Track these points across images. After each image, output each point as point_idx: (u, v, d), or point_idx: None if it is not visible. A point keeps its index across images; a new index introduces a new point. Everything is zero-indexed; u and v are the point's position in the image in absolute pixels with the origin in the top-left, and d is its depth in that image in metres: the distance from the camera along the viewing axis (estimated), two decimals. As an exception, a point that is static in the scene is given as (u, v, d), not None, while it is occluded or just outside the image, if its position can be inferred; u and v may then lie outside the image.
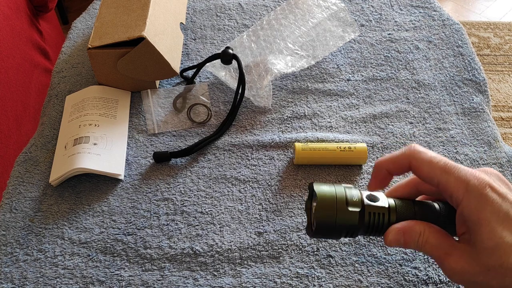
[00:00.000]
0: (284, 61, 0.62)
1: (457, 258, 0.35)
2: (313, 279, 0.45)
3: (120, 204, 0.51)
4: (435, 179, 0.36)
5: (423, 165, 0.37)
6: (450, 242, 0.36)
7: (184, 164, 0.55)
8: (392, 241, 0.38)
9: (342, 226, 0.40)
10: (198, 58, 0.68)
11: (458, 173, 0.35)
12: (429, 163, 0.36)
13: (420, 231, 0.37)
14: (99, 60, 0.59)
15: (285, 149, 0.57)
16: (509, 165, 0.55)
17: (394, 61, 0.67)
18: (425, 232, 0.37)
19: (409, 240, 0.38)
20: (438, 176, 0.36)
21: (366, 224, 0.40)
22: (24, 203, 0.52)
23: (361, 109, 0.61)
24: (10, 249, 0.48)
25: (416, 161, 0.37)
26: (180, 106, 0.62)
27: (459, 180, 0.35)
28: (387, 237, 0.39)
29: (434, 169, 0.36)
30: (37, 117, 1.03)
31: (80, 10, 0.80)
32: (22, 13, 1.05)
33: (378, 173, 0.40)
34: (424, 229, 0.37)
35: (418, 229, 0.38)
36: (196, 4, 0.77)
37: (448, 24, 0.73)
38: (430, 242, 0.37)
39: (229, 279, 0.45)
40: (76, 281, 0.45)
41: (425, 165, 0.36)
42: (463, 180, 0.34)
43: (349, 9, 0.75)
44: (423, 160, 0.37)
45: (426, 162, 0.36)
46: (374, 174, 0.41)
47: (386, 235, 0.39)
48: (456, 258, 0.35)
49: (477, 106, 0.61)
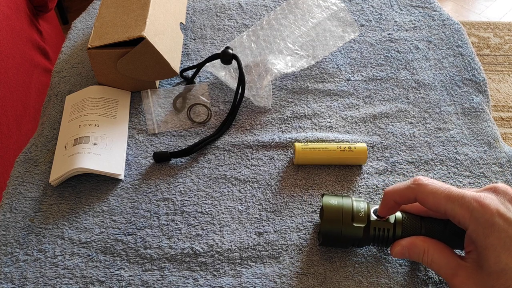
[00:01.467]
0: (284, 61, 0.61)
1: (464, 280, 0.36)
2: (313, 279, 0.45)
3: (120, 204, 0.51)
4: (441, 208, 0.37)
5: (428, 197, 0.38)
6: (456, 262, 0.38)
7: (184, 164, 0.55)
8: (397, 254, 0.41)
9: (347, 238, 0.43)
10: (198, 58, 0.68)
11: (462, 201, 0.36)
12: (433, 194, 0.38)
13: (424, 248, 0.39)
14: (99, 60, 0.59)
15: (285, 149, 0.57)
16: (509, 165, 0.55)
17: (394, 61, 0.67)
18: (429, 251, 0.39)
19: (413, 255, 0.40)
20: (443, 206, 0.37)
21: (371, 238, 0.42)
22: (24, 203, 0.52)
23: (361, 109, 0.61)
24: (10, 249, 0.48)
25: (422, 194, 0.39)
26: (180, 106, 0.62)
27: (463, 208, 0.36)
28: (393, 250, 0.41)
29: (438, 200, 0.37)
30: (37, 117, 1.03)
31: (80, 10, 0.80)
32: (22, 13, 1.05)
33: (387, 202, 0.42)
34: (428, 247, 0.39)
35: (422, 247, 0.39)
36: (196, 4, 0.77)
37: (448, 24, 0.73)
38: (436, 262, 0.38)
39: (229, 279, 0.45)
40: (76, 281, 0.45)
41: (430, 197, 0.38)
42: (467, 208, 0.36)
43: (349, 9, 0.75)
44: (427, 193, 0.38)
45: (430, 194, 0.38)
46: (383, 203, 0.42)
47: (392, 248, 0.41)
48: (463, 279, 0.36)
49: (477, 106, 0.61)
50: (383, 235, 0.42)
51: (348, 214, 0.42)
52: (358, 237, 0.42)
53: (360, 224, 0.42)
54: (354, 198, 0.44)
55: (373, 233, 0.42)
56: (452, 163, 0.55)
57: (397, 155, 0.56)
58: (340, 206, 0.43)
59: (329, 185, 0.53)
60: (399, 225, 0.42)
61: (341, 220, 0.42)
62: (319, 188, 0.53)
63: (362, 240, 0.43)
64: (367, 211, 0.43)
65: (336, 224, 0.42)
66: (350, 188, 0.53)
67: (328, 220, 0.43)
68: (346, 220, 0.42)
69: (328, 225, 0.43)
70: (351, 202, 0.43)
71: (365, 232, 0.42)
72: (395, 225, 0.42)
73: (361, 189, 0.53)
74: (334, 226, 0.42)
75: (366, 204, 0.44)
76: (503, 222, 0.34)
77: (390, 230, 0.42)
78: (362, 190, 0.53)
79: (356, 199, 0.44)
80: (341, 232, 0.42)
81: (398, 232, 0.42)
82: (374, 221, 0.42)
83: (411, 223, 0.42)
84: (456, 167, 0.55)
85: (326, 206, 0.43)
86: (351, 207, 0.43)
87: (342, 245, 0.44)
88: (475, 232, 0.35)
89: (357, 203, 0.44)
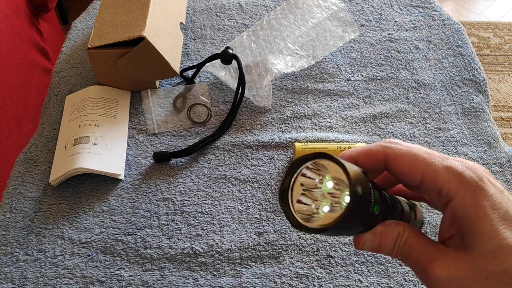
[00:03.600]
0: (284, 61, 0.61)
1: (445, 264, 0.28)
2: (313, 279, 0.45)
3: (120, 204, 0.51)
4: (418, 171, 0.28)
5: (402, 158, 0.29)
6: (435, 246, 0.29)
7: (184, 164, 0.55)
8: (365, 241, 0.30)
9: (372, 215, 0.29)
10: (198, 58, 0.68)
11: (447, 162, 0.28)
12: (409, 154, 0.29)
13: (398, 230, 0.29)
14: (99, 60, 0.59)
15: (285, 149, 0.57)
16: (509, 165, 0.55)
17: (394, 61, 0.67)
18: (404, 232, 0.29)
19: (385, 240, 0.30)
20: (423, 168, 0.28)
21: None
22: (24, 203, 0.52)
23: (361, 109, 0.61)
24: (10, 249, 0.48)
25: (394, 154, 0.29)
26: (180, 106, 0.62)
27: (450, 170, 0.28)
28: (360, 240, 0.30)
29: (416, 160, 0.28)
30: (37, 117, 1.03)
31: (80, 10, 0.80)
32: (22, 13, 1.05)
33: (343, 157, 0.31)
34: (403, 229, 0.29)
35: (396, 228, 0.29)
36: (196, 4, 0.77)
37: (448, 24, 0.72)
38: (412, 245, 0.29)
39: (229, 279, 0.45)
40: (76, 281, 0.45)
41: (405, 157, 0.29)
42: (454, 170, 0.28)
43: (349, 9, 0.75)
44: (402, 152, 0.29)
45: (405, 154, 0.29)
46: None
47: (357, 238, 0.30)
48: (444, 263, 0.28)
49: (477, 106, 0.61)
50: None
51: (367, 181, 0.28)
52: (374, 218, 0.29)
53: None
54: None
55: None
56: (452, 163, 0.55)
57: (397, 155, 0.56)
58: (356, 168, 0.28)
59: (329, 185, 0.53)
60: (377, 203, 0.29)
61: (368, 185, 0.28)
62: (319, 188, 0.53)
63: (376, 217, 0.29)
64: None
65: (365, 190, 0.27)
66: (350, 188, 0.53)
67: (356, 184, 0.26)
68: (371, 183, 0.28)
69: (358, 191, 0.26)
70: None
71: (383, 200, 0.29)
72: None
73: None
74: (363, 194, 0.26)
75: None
76: (496, 190, 0.27)
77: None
78: (362, 190, 0.52)
79: None
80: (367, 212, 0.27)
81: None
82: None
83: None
84: (456, 167, 0.55)
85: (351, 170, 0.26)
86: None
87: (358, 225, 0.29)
88: (463, 202, 0.27)
89: None
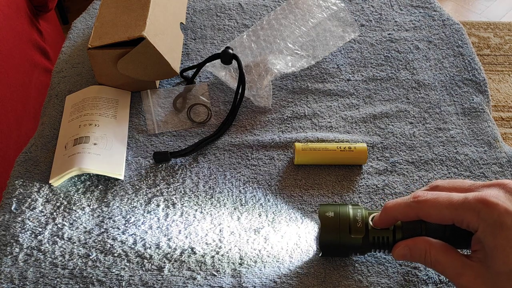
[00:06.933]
0: (284, 61, 0.61)
1: (472, 279, 0.35)
2: (313, 279, 0.45)
3: (120, 204, 0.51)
4: (447, 220, 0.36)
5: (430, 213, 0.37)
6: (462, 261, 0.36)
7: (184, 164, 0.55)
8: (399, 256, 0.40)
9: (347, 249, 0.42)
10: (198, 58, 0.68)
11: (466, 206, 0.35)
12: (434, 208, 0.37)
13: (425, 248, 0.38)
14: (99, 60, 0.59)
15: (285, 149, 0.57)
16: (509, 165, 0.55)
17: (394, 61, 0.67)
18: (431, 250, 0.37)
19: (415, 256, 0.39)
20: (449, 216, 0.36)
21: (371, 246, 0.42)
22: (24, 203, 0.51)
23: (361, 109, 0.61)
24: (10, 249, 0.48)
25: (423, 212, 0.37)
26: (180, 106, 0.62)
27: (469, 212, 0.35)
28: (395, 252, 0.40)
29: (442, 212, 0.36)
30: (37, 117, 1.03)
31: (80, 10, 0.80)
32: (22, 13, 1.05)
33: (386, 217, 0.41)
34: (430, 247, 0.38)
35: (423, 246, 0.38)
36: (196, 4, 0.77)
37: (448, 24, 0.72)
38: (440, 262, 0.37)
39: (229, 279, 0.45)
40: (76, 281, 0.45)
41: (432, 212, 0.37)
42: (473, 211, 0.35)
43: (349, 9, 0.75)
44: (429, 209, 0.37)
45: (432, 209, 0.37)
46: (382, 217, 0.41)
47: (393, 250, 0.41)
48: (471, 278, 0.35)
49: (477, 106, 0.61)
50: (383, 242, 0.41)
51: (346, 225, 0.42)
52: (357, 247, 0.42)
53: (358, 235, 0.41)
54: (351, 206, 0.43)
55: (373, 241, 0.41)
56: (452, 163, 0.55)
57: (397, 155, 0.56)
58: (337, 217, 0.42)
59: (329, 185, 0.53)
60: (399, 230, 0.41)
61: (339, 233, 0.42)
62: (319, 188, 0.53)
63: (362, 249, 0.42)
64: (365, 219, 0.42)
65: (334, 236, 0.42)
66: (350, 188, 0.53)
67: (326, 233, 0.42)
68: (343, 232, 0.42)
69: (326, 238, 0.42)
70: (348, 212, 0.42)
71: (364, 242, 0.41)
72: (395, 231, 0.41)
73: (361, 189, 0.53)
74: (332, 238, 0.42)
75: (363, 212, 0.43)
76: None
77: (389, 237, 0.41)
78: (362, 190, 0.53)
79: (353, 207, 0.43)
80: (339, 243, 0.42)
81: (398, 237, 0.41)
82: (373, 230, 0.41)
83: (411, 228, 0.41)
84: (456, 167, 0.55)
85: (323, 218, 0.42)
86: (348, 217, 0.42)
87: (343, 255, 0.44)
88: (483, 233, 0.34)
89: (354, 211, 0.43)
